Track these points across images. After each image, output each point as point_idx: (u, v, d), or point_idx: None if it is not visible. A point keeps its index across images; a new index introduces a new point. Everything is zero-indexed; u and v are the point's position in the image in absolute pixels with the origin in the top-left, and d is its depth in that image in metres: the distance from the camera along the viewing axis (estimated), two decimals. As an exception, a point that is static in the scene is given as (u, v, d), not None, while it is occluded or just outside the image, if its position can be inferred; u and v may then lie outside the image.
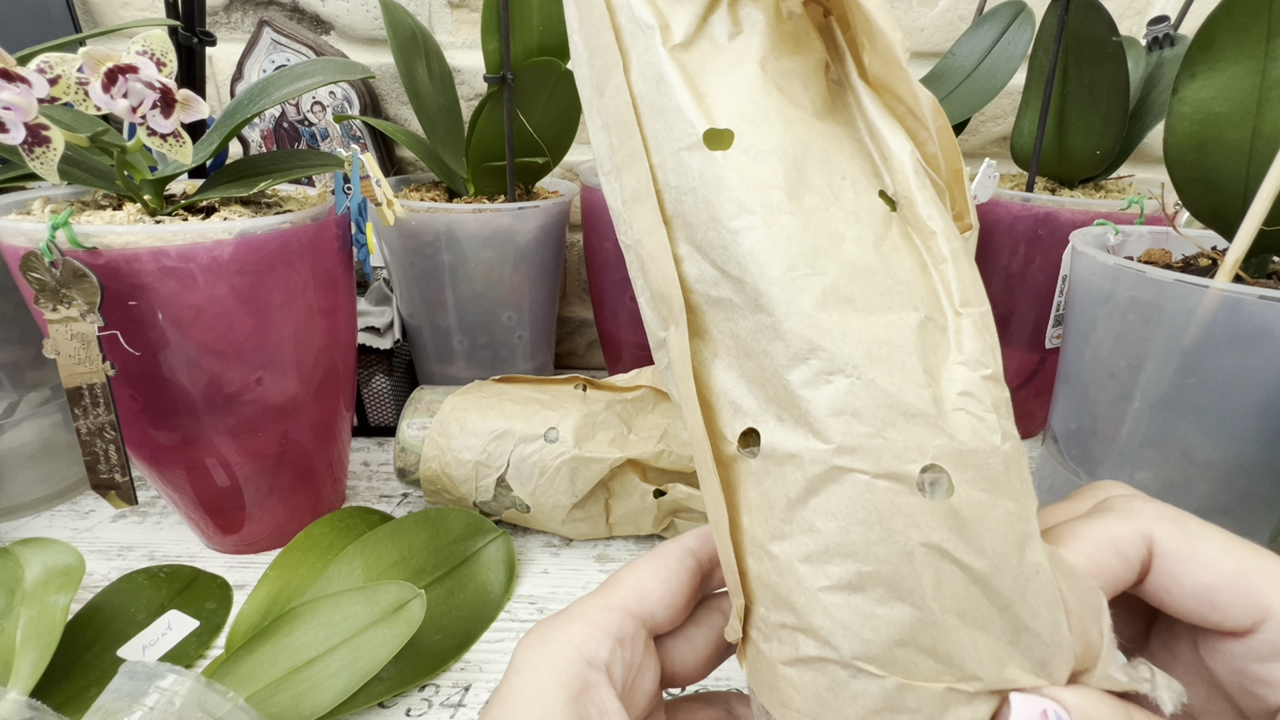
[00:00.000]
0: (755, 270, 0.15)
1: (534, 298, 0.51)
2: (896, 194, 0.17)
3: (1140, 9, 0.56)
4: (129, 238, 0.30)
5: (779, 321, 0.15)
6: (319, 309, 0.37)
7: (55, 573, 0.32)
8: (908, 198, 0.17)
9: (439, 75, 0.50)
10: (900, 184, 0.17)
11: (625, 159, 0.17)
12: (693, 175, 0.16)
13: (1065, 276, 0.39)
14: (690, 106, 0.16)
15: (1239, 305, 0.28)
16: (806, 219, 0.15)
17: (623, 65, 0.17)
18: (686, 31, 0.16)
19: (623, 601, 0.19)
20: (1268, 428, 0.29)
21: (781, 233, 0.15)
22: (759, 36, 0.17)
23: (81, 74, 0.27)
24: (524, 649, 0.18)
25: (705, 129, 0.16)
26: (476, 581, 0.37)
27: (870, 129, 0.18)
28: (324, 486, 0.42)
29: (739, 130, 0.16)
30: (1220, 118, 0.31)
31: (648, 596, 0.19)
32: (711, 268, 0.16)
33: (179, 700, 0.24)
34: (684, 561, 0.20)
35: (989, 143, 0.62)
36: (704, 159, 0.16)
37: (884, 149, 0.18)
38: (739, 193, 0.15)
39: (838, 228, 0.16)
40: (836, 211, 0.16)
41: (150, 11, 0.56)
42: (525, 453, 0.38)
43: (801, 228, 0.15)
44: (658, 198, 0.17)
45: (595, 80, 0.18)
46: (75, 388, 0.30)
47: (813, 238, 0.15)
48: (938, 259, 0.17)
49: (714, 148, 0.16)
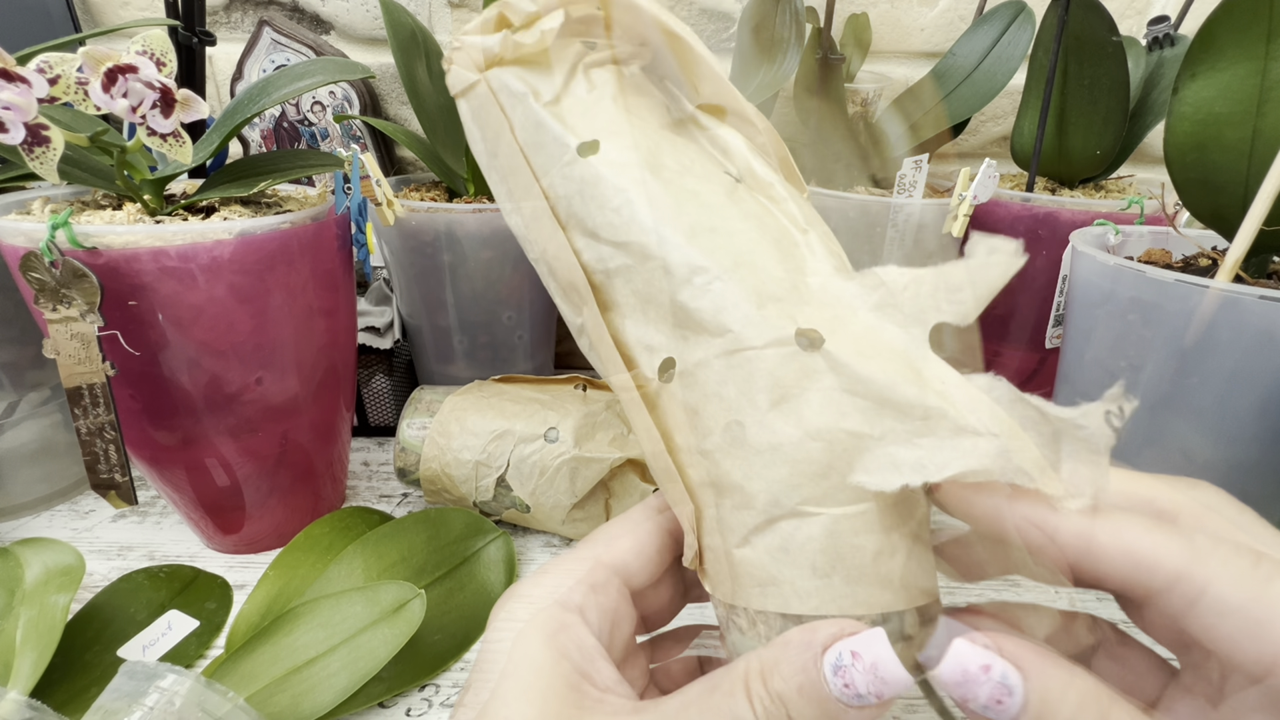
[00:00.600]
0: (637, 229, 0.19)
1: (534, 298, 0.51)
2: (739, 171, 0.22)
3: (1140, 9, 0.56)
4: (129, 238, 0.30)
5: (664, 260, 0.19)
6: (319, 309, 0.37)
7: (55, 573, 0.32)
8: (747, 168, 0.22)
9: (439, 75, 0.50)
10: (739, 161, 0.22)
11: (521, 192, 0.21)
12: (576, 181, 0.20)
13: (1065, 276, 0.39)
14: (564, 134, 0.20)
15: (1239, 305, 0.28)
16: (666, 184, 0.20)
17: (509, 126, 0.21)
18: (553, 93, 0.21)
19: (593, 553, 0.20)
20: (1268, 428, 0.29)
21: (650, 196, 0.19)
22: (609, 86, 0.21)
23: (81, 74, 0.27)
24: (500, 603, 0.19)
25: (577, 144, 0.20)
26: (476, 581, 0.37)
27: (710, 138, 0.23)
28: (324, 486, 0.42)
29: (603, 139, 0.20)
30: (1220, 118, 0.31)
31: (618, 547, 0.20)
32: (606, 245, 0.20)
33: (179, 700, 0.24)
34: (651, 516, 0.21)
35: (989, 143, 0.62)
36: (582, 166, 0.20)
37: (722, 145, 0.22)
38: (612, 179, 0.19)
39: (693, 187, 0.20)
40: (690, 179, 0.20)
41: (150, 11, 0.56)
42: (525, 453, 0.38)
43: (664, 190, 0.19)
44: (552, 210, 0.21)
45: (489, 149, 0.22)
46: (75, 388, 0.30)
47: (674, 194, 0.19)
48: (779, 200, 0.21)
49: (586, 156, 0.20)
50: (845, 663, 0.15)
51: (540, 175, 0.21)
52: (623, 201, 0.19)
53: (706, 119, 0.23)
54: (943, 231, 0.45)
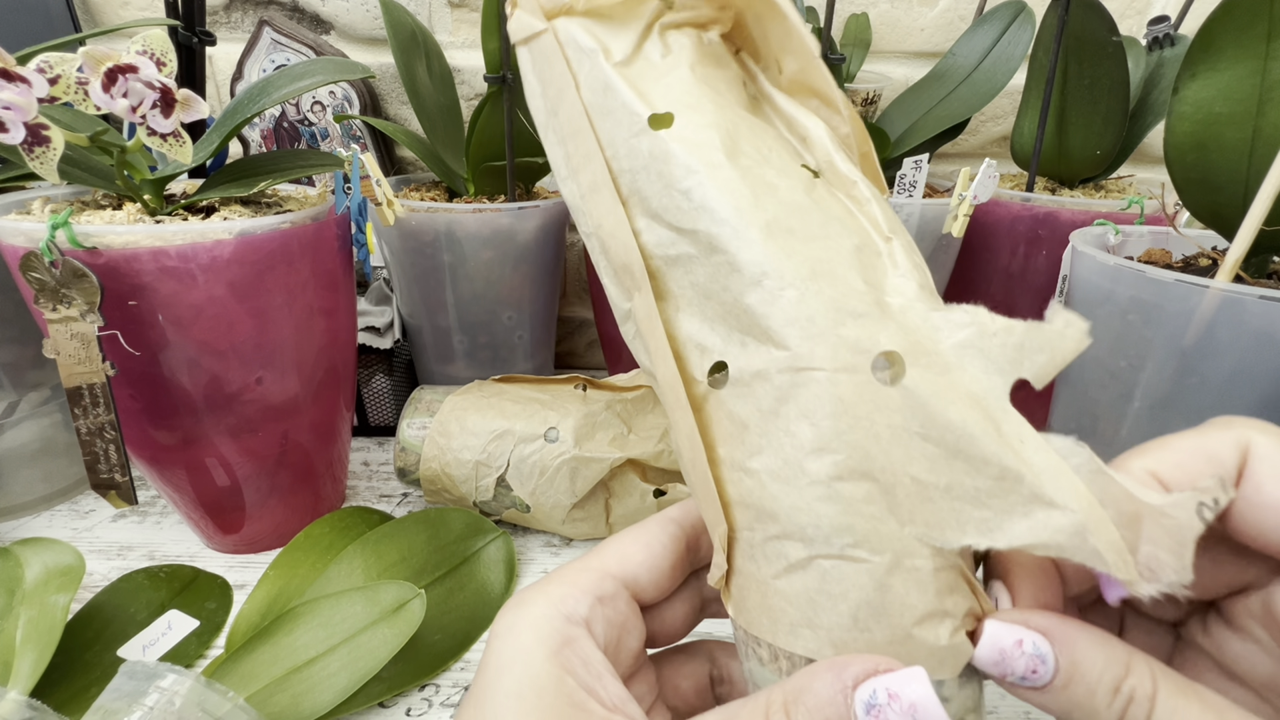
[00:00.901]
0: (706, 218, 0.17)
1: (534, 298, 0.51)
2: (818, 165, 0.20)
3: (1140, 9, 0.56)
4: (129, 237, 0.30)
5: (733, 256, 0.17)
6: (319, 309, 0.37)
7: (55, 573, 0.32)
8: (828, 161, 0.20)
9: (439, 75, 0.50)
10: (820, 153, 0.20)
11: (581, 159, 0.19)
12: (643, 155, 0.18)
13: (1065, 276, 0.39)
14: (635, 101, 0.18)
15: (1239, 305, 0.28)
16: (744, 173, 0.18)
17: (574, 84, 0.19)
18: (625, 53, 0.19)
19: (602, 564, 0.19)
20: (1268, 428, 0.29)
21: (725, 183, 0.17)
22: (686, 53, 0.19)
23: (81, 74, 0.27)
24: (502, 615, 0.18)
25: (649, 114, 0.18)
26: (476, 581, 0.37)
27: (788, 123, 0.21)
28: (324, 486, 0.42)
29: (678, 113, 0.18)
30: (1220, 118, 0.31)
31: (628, 559, 0.19)
32: (668, 230, 0.18)
33: (179, 700, 0.24)
34: (666, 528, 0.20)
35: (989, 143, 0.62)
36: (651, 139, 0.18)
37: (801, 132, 0.20)
38: (684, 159, 0.18)
39: (771, 180, 0.18)
40: (768, 170, 0.18)
41: (150, 11, 0.56)
42: (525, 453, 0.38)
43: (740, 179, 0.18)
44: (614, 182, 0.19)
45: (549, 106, 0.20)
46: (75, 388, 0.30)
47: (751, 185, 0.18)
48: (862, 202, 0.19)
49: (658, 129, 0.18)
50: (880, 702, 0.14)
51: (604, 143, 0.19)
52: (694, 184, 0.17)
53: (786, 102, 0.21)
54: (943, 231, 0.45)
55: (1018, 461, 0.15)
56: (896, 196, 0.45)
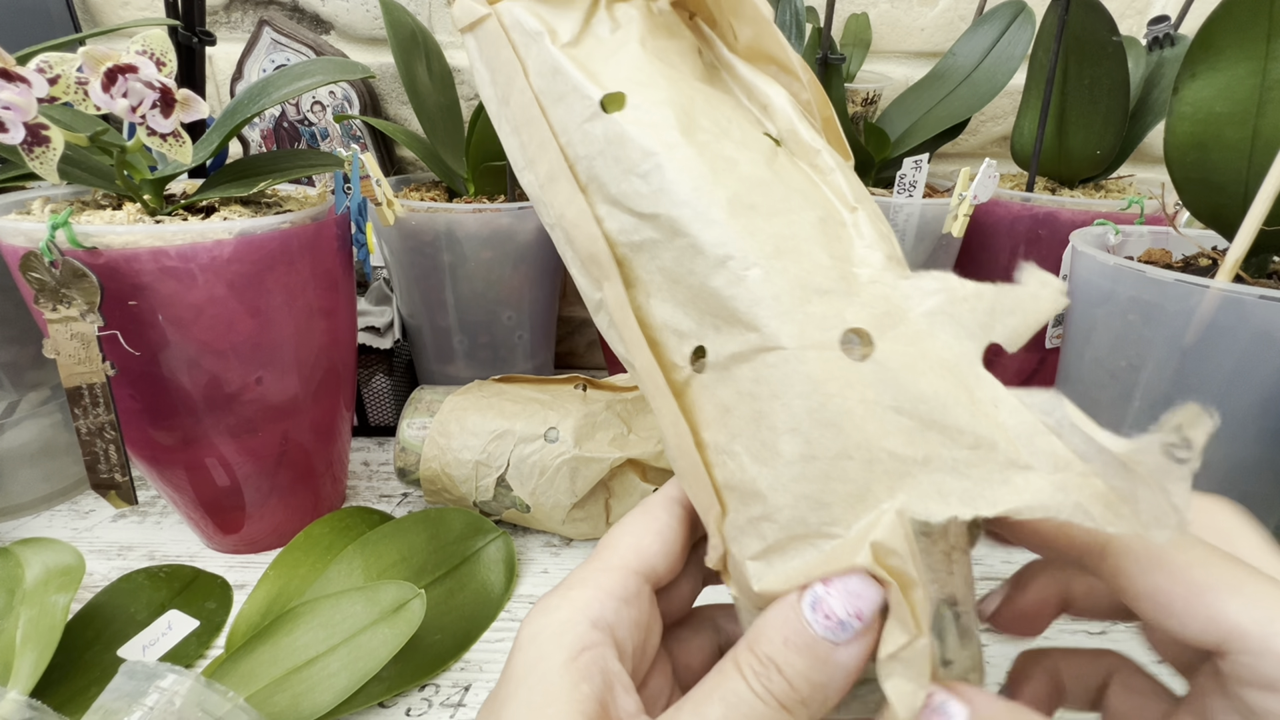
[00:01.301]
0: (666, 201, 0.17)
1: (534, 298, 0.51)
2: (780, 133, 0.19)
3: (1140, 9, 0.56)
4: (129, 237, 0.30)
5: (696, 238, 0.17)
6: (319, 309, 0.37)
7: (55, 573, 0.32)
8: (790, 130, 0.19)
9: (439, 75, 0.50)
10: (781, 121, 0.20)
11: (536, 149, 0.19)
12: (598, 140, 0.18)
13: (1065, 276, 0.39)
14: (585, 84, 0.18)
15: (1239, 305, 0.28)
16: (701, 150, 0.17)
17: (522, 70, 0.19)
18: (572, 33, 0.18)
19: (623, 561, 0.19)
20: (1268, 428, 0.29)
21: (682, 162, 0.17)
22: (636, 26, 0.19)
23: (81, 74, 0.27)
24: (528, 622, 0.18)
25: (600, 96, 0.18)
26: (477, 581, 0.37)
27: (747, 90, 0.20)
28: (324, 486, 0.42)
29: (630, 91, 0.18)
30: (1220, 117, 0.31)
31: (645, 551, 0.19)
32: (630, 216, 0.18)
33: (179, 700, 0.24)
34: (672, 510, 0.20)
35: (989, 143, 0.62)
36: (605, 123, 0.18)
37: (762, 100, 0.20)
38: (640, 141, 0.17)
39: (730, 154, 0.18)
40: (727, 143, 0.18)
41: (150, 11, 0.56)
42: (525, 452, 0.38)
43: (698, 156, 0.17)
44: (570, 171, 0.18)
45: (499, 95, 0.19)
46: (75, 388, 0.30)
47: (710, 162, 0.17)
48: (825, 171, 0.19)
49: (612, 111, 0.18)
50: (820, 594, 0.15)
51: (558, 130, 0.18)
52: (651, 167, 0.17)
53: (745, 69, 0.20)
54: (943, 231, 0.45)
55: (991, 428, 0.15)
56: (896, 196, 0.45)
